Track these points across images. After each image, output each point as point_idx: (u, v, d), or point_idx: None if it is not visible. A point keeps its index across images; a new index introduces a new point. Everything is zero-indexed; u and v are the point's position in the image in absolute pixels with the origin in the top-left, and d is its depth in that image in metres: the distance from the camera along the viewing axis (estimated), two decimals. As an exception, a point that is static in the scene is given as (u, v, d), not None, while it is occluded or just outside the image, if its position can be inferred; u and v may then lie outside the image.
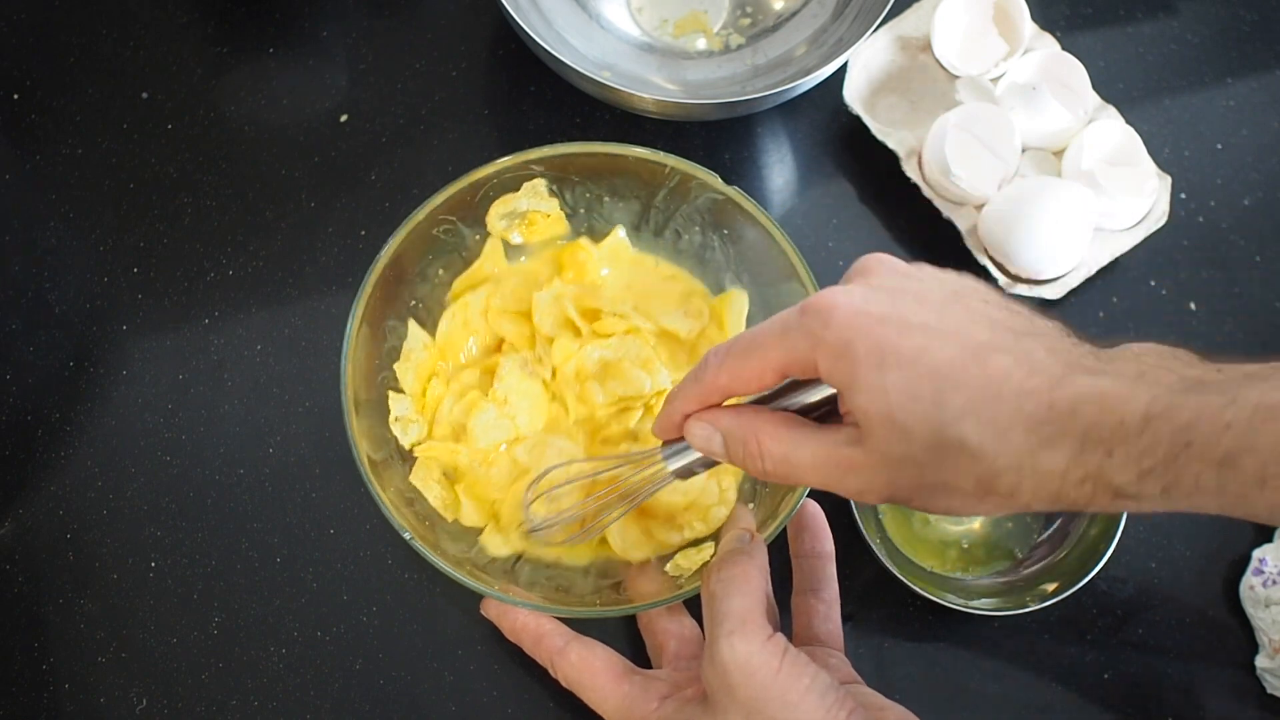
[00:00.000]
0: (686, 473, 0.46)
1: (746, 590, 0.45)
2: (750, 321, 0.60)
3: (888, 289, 0.39)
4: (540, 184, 0.57)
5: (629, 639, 0.57)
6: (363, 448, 0.51)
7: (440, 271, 0.59)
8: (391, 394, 0.55)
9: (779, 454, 0.41)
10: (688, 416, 0.44)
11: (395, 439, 0.55)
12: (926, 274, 0.41)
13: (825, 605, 0.53)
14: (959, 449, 0.37)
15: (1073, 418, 0.36)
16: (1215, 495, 0.35)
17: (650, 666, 0.54)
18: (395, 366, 0.57)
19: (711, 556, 0.51)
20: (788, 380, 0.42)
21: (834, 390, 0.41)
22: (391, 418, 0.55)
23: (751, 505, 0.55)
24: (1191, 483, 0.35)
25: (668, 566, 0.54)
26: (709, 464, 0.46)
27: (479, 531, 0.56)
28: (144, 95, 0.69)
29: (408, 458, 0.56)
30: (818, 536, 0.54)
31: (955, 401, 0.36)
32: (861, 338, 0.37)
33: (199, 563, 0.59)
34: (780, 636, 0.43)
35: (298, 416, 0.62)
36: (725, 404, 0.44)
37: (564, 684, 0.51)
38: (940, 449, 0.37)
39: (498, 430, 0.55)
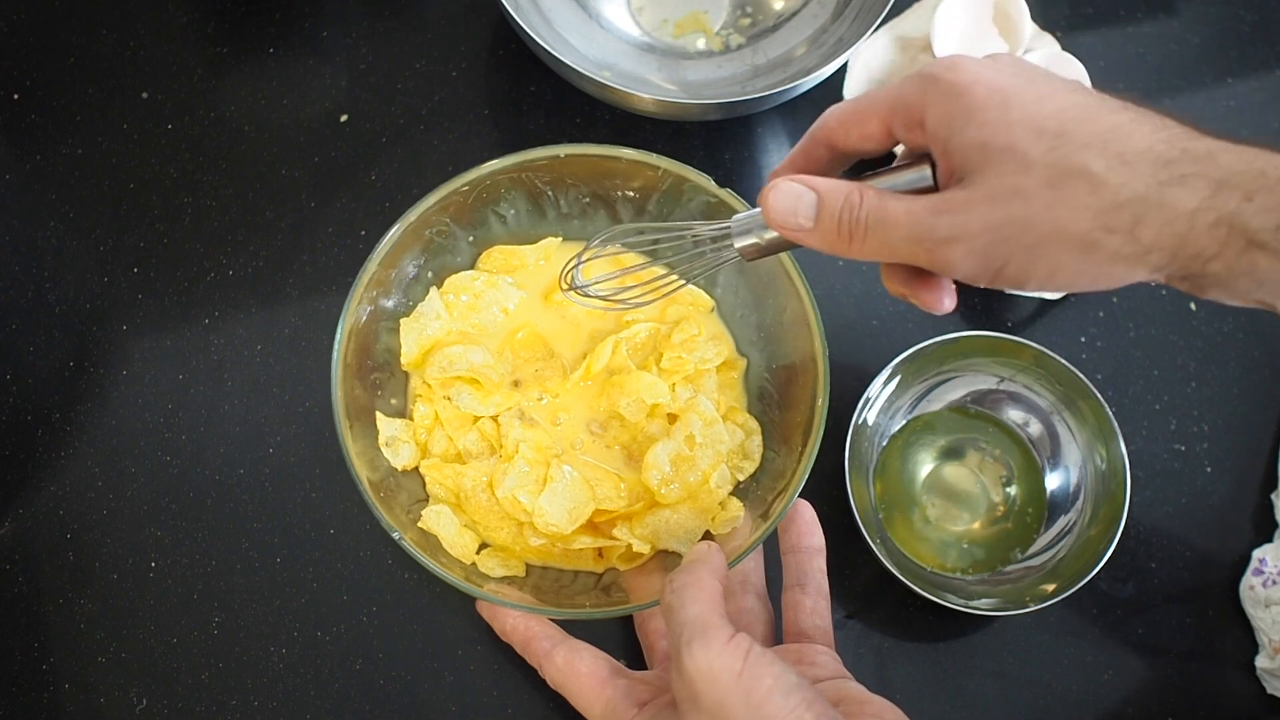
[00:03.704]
0: (755, 252, 0.44)
1: (701, 597, 0.44)
2: (733, 328, 0.61)
3: (1014, 60, 0.39)
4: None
5: (624, 640, 0.57)
6: (360, 467, 0.52)
7: (431, 274, 0.59)
8: (380, 416, 0.56)
9: (877, 204, 0.39)
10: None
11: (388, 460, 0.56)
12: None
13: (812, 600, 0.52)
14: (1080, 177, 0.35)
15: (1208, 160, 0.35)
16: None
17: (647, 667, 0.54)
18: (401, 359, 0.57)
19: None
20: (885, 167, 0.41)
21: (929, 172, 0.39)
22: (381, 441, 0.55)
23: (744, 506, 0.56)
24: None
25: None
26: (779, 246, 0.43)
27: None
28: (144, 95, 0.69)
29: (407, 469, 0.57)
30: (804, 532, 0.54)
31: (1080, 134, 0.35)
32: (984, 82, 0.37)
33: (199, 563, 0.59)
34: (742, 637, 0.43)
35: (298, 416, 0.62)
36: None
37: (551, 686, 0.51)
38: (1059, 180, 0.35)
39: (530, 480, 0.55)
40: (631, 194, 0.59)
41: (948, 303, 0.42)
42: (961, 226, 0.37)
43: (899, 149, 0.43)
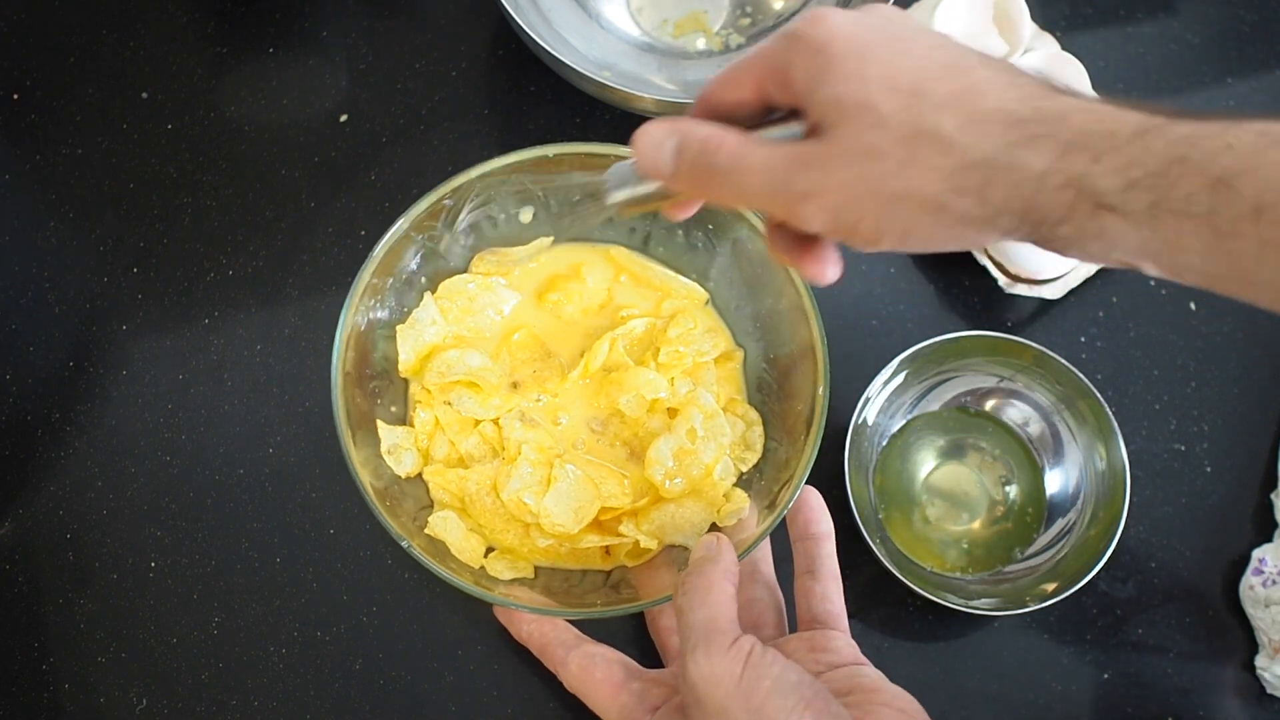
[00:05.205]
0: (628, 203, 0.44)
1: (710, 600, 0.44)
2: (729, 320, 0.61)
3: (884, 14, 0.38)
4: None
5: (637, 636, 0.57)
6: (364, 476, 0.52)
7: (425, 280, 0.59)
8: (381, 424, 0.56)
9: (736, 150, 0.38)
10: None
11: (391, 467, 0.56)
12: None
13: (822, 586, 0.52)
14: (932, 138, 0.35)
15: (1059, 121, 0.34)
16: (1205, 224, 0.33)
17: (662, 664, 0.54)
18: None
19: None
20: (763, 119, 0.41)
21: (799, 128, 0.39)
22: (384, 449, 0.55)
23: (749, 498, 0.56)
24: (1181, 202, 0.33)
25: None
26: (652, 197, 0.43)
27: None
28: (144, 95, 0.69)
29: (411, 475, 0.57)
30: (812, 519, 0.53)
31: (936, 92, 0.35)
32: (844, 36, 0.37)
33: (199, 563, 0.59)
34: (746, 640, 0.43)
35: (298, 416, 0.62)
36: None
37: (569, 691, 0.52)
38: (912, 140, 0.35)
39: (534, 481, 0.55)
40: None
41: (830, 273, 0.42)
42: (817, 182, 0.37)
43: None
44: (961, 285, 0.66)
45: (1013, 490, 0.62)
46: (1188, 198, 0.32)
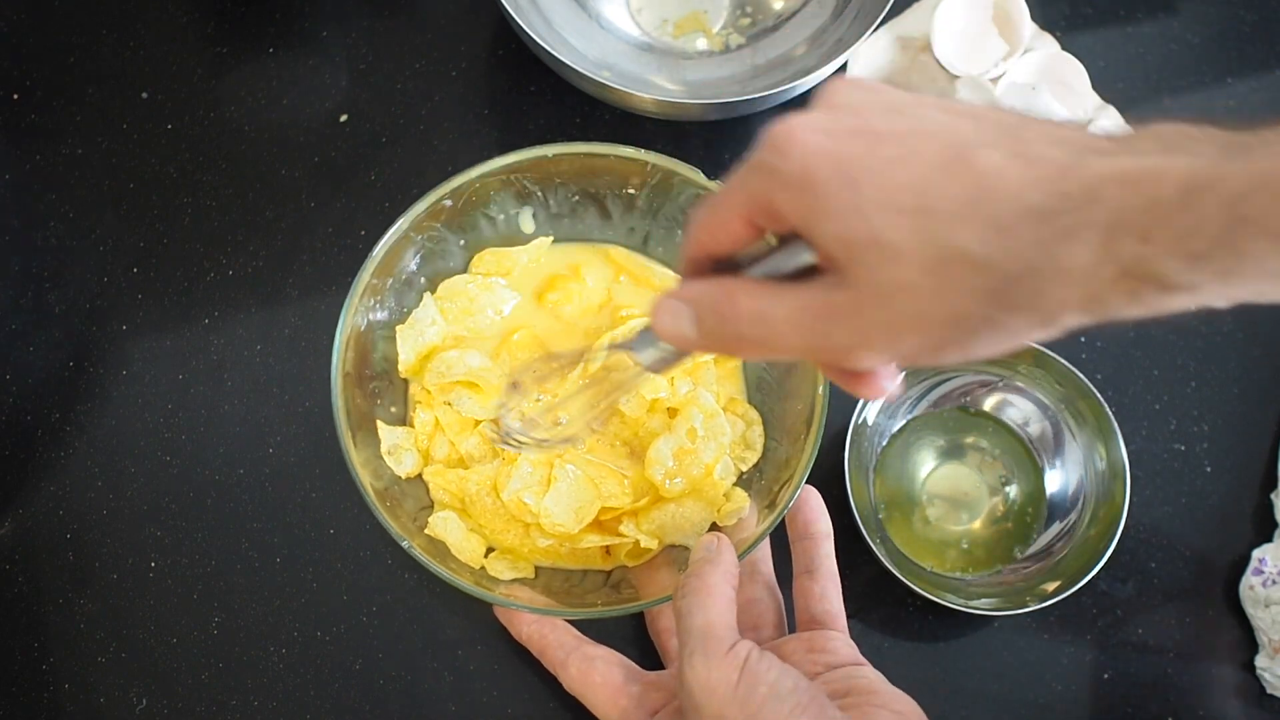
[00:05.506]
0: (660, 365, 0.42)
1: (708, 604, 0.44)
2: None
3: (852, 107, 0.34)
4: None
5: (638, 636, 0.58)
6: (365, 476, 0.52)
7: (424, 280, 0.59)
8: (381, 425, 0.56)
9: (754, 310, 0.35)
10: None
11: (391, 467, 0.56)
12: (899, 89, 0.35)
13: (820, 586, 0.52)
14: (961, 261, 0.31)
15: (1093, 203, 0.30)
16: None
17: (663, 665, 0.54)
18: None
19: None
20: (764, 245, 0.37)
21: (812, 249, 0.35)
22: (384, 449, 0.55)
23: (749, 497, 0.56)
24: (1254, 266, 0.29)
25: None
26: (681, 354, 0.42)
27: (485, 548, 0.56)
28: (144, 95, 0.69)
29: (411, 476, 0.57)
30: (811, 518, 0.54)
31: (943, 206, 0.31)
32: (824, 161, 0.32)
33: (199, 563, 0.59)
34: (744, 645, 0.43)
35: (298, 416, 0.62)
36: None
37: (569, 693, 0.52)
38: (939, 267, 0.31)
39: (534, 481, 0.55)
40: (629, 191, 0.59)
41: (888, 386, 0.38)
42: (856, 332, 0.33)
43: None
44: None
45: (1013, 490, 0.62)
46: (1260, 260, 0.29)
